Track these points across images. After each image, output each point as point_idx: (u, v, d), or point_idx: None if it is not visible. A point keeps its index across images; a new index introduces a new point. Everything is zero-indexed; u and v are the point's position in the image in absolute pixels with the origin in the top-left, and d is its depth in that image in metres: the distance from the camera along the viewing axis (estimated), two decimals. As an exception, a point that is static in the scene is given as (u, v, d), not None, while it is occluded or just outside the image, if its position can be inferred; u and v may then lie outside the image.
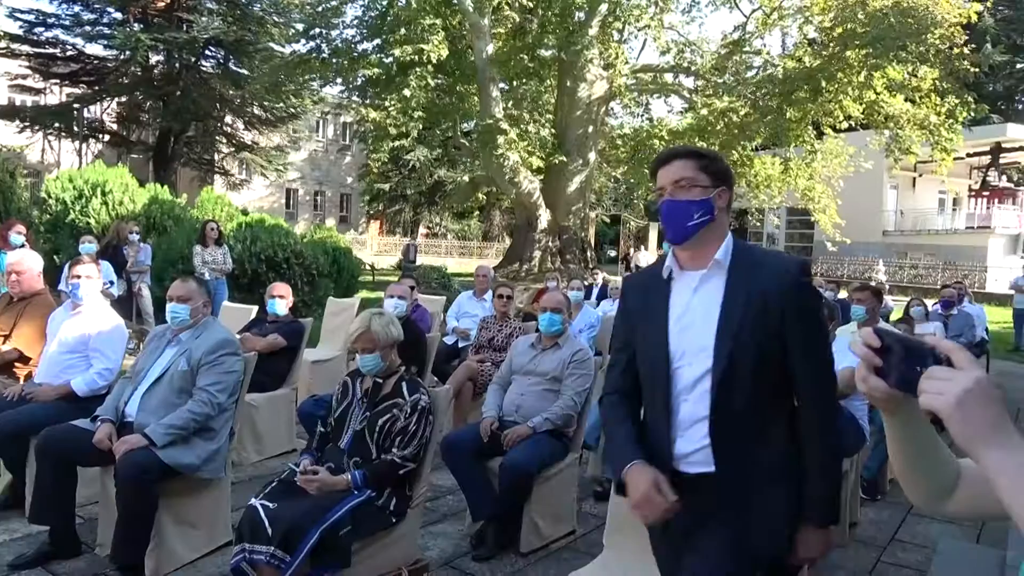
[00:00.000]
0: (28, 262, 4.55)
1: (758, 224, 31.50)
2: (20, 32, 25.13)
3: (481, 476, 3.63)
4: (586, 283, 10.37)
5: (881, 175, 25.91)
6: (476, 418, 4.56)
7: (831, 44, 17.08)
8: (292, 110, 28.60)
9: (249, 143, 29.04)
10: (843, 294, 9.06)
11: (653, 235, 29.62)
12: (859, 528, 4.10)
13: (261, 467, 4.76)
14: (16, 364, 4.27)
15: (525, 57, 19.95)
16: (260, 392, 4.79)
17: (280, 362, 5.12)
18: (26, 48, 25.55)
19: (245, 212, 13.61)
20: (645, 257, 26.57)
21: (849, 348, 1.01)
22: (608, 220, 35.21)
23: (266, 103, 27.62)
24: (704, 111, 18.34)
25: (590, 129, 19.69)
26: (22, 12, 24.90)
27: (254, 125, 28.63)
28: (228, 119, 28.37)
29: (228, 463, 3.55)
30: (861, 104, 16.90)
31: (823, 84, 16.51)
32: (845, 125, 17.54)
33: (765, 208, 25.85)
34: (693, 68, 19.74)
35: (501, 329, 5.43)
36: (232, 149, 29.17)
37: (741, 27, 19.42)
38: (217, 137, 28.43)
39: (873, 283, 13.67)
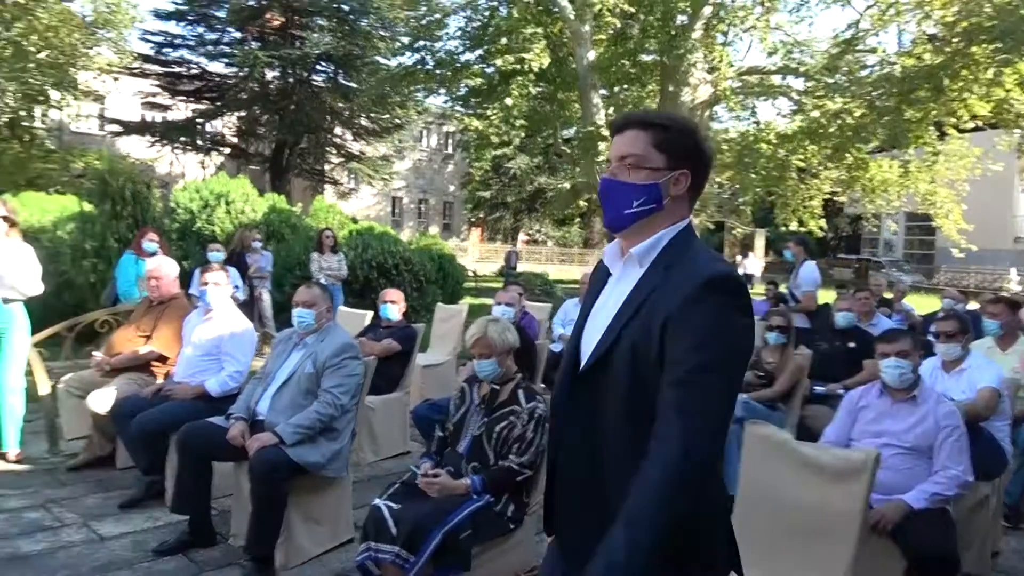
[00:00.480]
0: (166, 268, 4.88)
1: (874, 230, 29.97)
2: (151, 53, 27.03)
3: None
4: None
5: (1011, 178, 24.15)
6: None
7: (954, 40, 16.06)
8: (397, 121, 29.47)
9: (357, 153, 30.11)
10: (972, 305, 8.49)
11: (760, 242, 28.69)
12: (1001, 558, 3.81)
13: (377, 467, 4.91)
14: (155, 363, 4.59)
15: (627, 63, 19.80)
16: (375, 395, 4.94)
17: (394, 366, 5.27)
18: (156, 68, 27.44)
19: (355, 220, 14.10)
20: (753, 264, 25.75)
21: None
22: (712, 226, 34.43)
23: (373, 114, 28.58)
24: (815, 113, 17.63)
25: (693, 134, 19.29)
26: (152, 34, 26.81)
27: (362, 136, 29.68)
28: (338, 130, 29.52)
29: (349, 463, 3.69)
30: (989, 102, 15.81)
31: (946, 82, 15.54)
32: (971, 125, 16.46)
33: (882, 214, 24.56)
34: (802, 69, 19.02)
35: (609, 337, 5.39)
36: (341, 159, 30.33)
37: (854, 25, 18.58)
38: (327, 148, 29.62)
39: (1006, 293, 12.74)
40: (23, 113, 22.80)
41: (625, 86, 21.38)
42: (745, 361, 1.42)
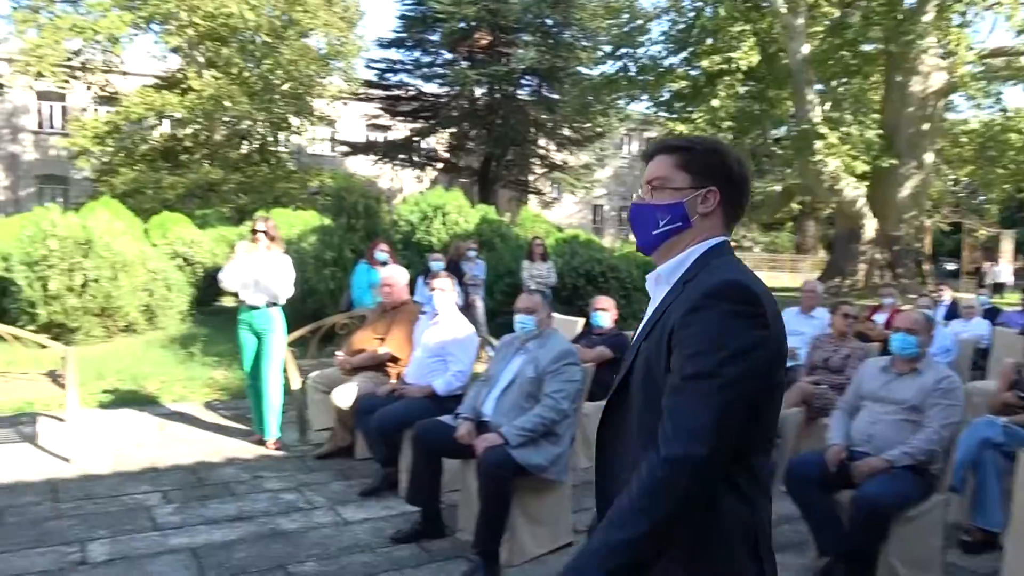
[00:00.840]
0: (397, 276, 5.29)
1: None
2: (374, 78, 29.55)
3: (828, 508, 3.38)
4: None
5: None
6: (811, 445, 4.28)
7: None
8: (599, 129, 29.72)
9: (560, 163, 30.76)
10: None
11: (1007, 245, 25.33)
12: None
13: (591, 474, 4.91)
14: (389, 364, 4.97)
15: (846, 54, 18.46)
16: (588, 401, 4.97)
17: (606, 373, 5.25)
18: (378, 92, 29.94)
19: (559, 229, 14.37)
20: (1005, 271, 22.85)
21: None
22: (947, 228, 30.91)
23: (575, 124, 29.04)
24: (1081, 95, 15.28)
25: (925, 127, 17.54)
26: (375, 62, 29.33)
27: (564, 146, 30.28)
28: (541, 141, 30.34)
29: (569, 467, 3.75)
30: None
31: None
32: None
33: None
34: (1062, 46, 16.62)
35: (837, 349, 5.03)
36: (545, 169, 31.13)
37: None
38: (531, 159, 30.54)
39: None
40: (270, 139, 25.87)
41: (844, 79, 19.93)
42: (754, 368, 1.30)
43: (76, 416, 4.94)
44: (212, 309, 11.74)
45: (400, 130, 30.44)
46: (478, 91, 28.29)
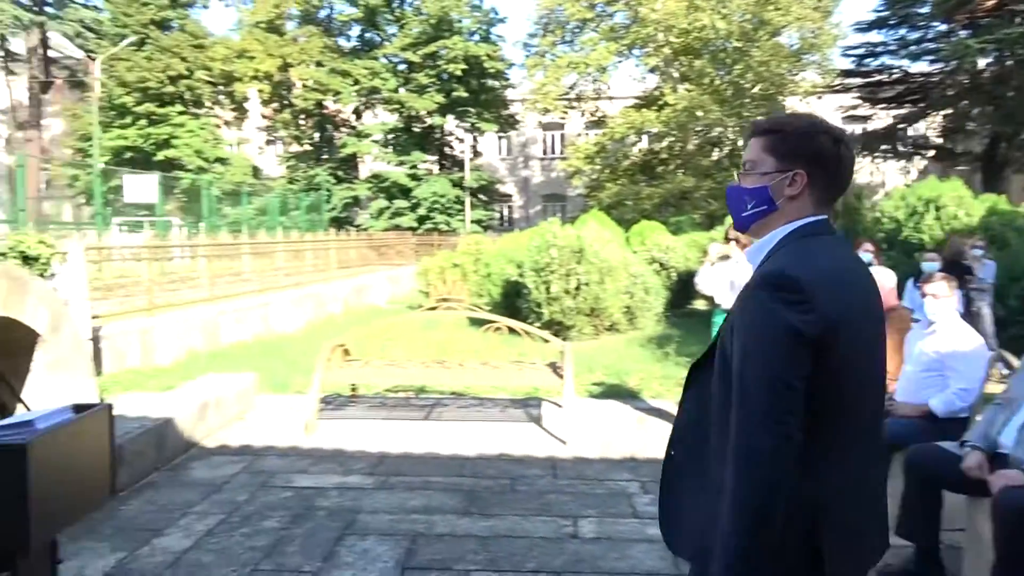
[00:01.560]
0: (882, 279, 4.80)
1: None
2: (851, 67, 27.53)
3: None
4: None
5: None
6: None
7: None
8: None
9: (1106, 135, 24.43)
10: None
11: None
12: None
13: None
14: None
15: None
16: None
17: None
18: (856, 81, 27.85)
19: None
20: None
21: None
22: None
23: None
24: None
25: None
26: (853, 48, 27.26)
27: (1113, 113, 23.92)
28: (1072, 112, 24.51)
29: None
30: None
31: None
32: None
33: None
34: None
35: None
36: (1082, 146, 25.09)
37: None
38: (1058, 136, 24.88)
39: None
40: (740, 144, 26.05)
41: None
42: (794, 350, 1.30)
43: (572, 403, 5.61)
44: (685, 311, 12.24)
45: (881, 118, 27.87)
46: (981, 62, 24.23)
